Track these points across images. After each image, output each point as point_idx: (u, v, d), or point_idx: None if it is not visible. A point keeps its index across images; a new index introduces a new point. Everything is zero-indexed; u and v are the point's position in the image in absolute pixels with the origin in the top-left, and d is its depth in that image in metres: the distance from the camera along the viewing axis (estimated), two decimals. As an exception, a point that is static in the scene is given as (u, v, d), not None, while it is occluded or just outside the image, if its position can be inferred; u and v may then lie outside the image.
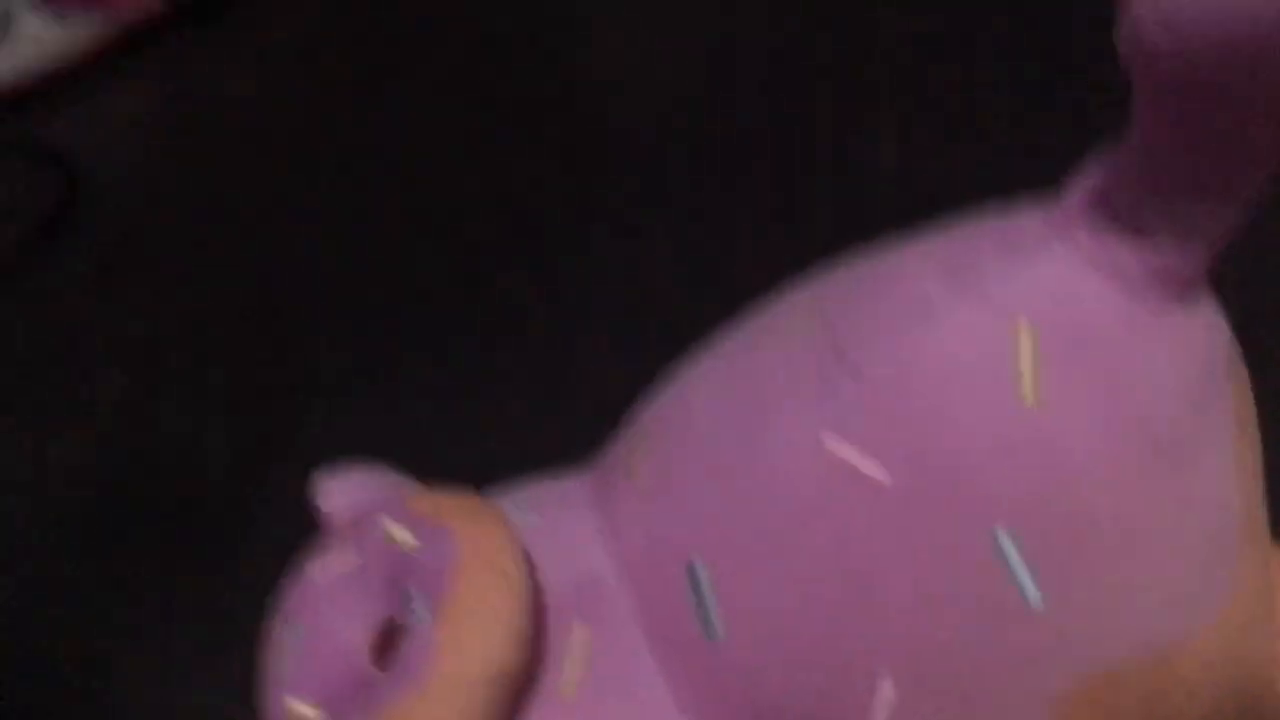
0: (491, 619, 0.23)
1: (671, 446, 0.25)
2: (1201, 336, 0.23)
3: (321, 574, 0.26)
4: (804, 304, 0.25)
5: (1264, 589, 0.24)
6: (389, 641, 0.25)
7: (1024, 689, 0.22)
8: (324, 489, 0.29)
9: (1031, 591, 0.22)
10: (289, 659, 0.26)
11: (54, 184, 0.60)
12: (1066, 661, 0.22)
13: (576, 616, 0.25)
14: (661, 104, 0.55)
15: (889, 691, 0.22)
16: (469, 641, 0.23)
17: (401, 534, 0.25)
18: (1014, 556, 0.22)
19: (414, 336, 0.49)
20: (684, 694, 0.24)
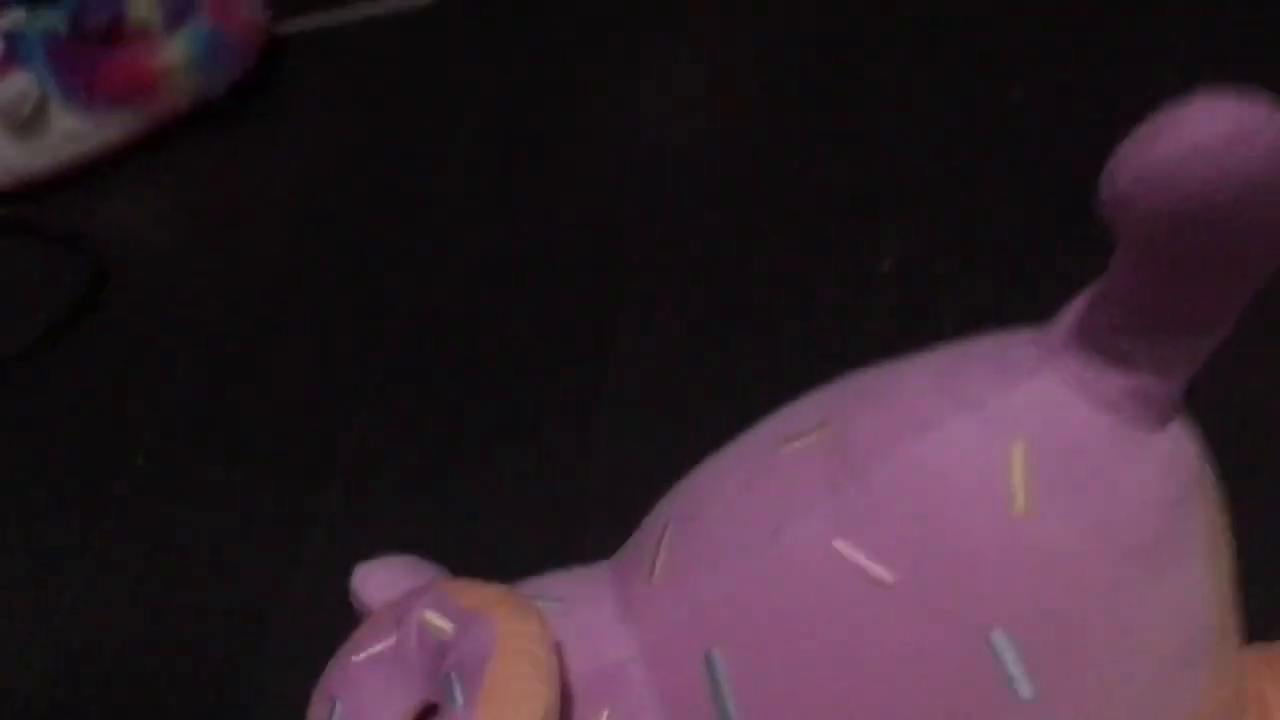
0: (526, 703, 0.25)
1: (691, 542, 0.27)
2: (1176, 454, 0.25)
3: (360, 656, 0.28)
4: (815, 413, 0.28)
5: (1234, 694, 0.26)
6: (424, 721, 0.27)
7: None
8: (361, 575, 0.31)
9: (1024, 687, 0.24)
10: (328, 737, 0.27)
11: (81, 273, 0.63)
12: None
13: (602, 701, 0.26)
14: (676, 212, 0.58)
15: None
16: (506, 722, 0.25)
17: (440, 621, 0.27)
18: (1009, 655, 0.24)
19: (434, 434, 0.50)
20: (701, 777, 0.26)
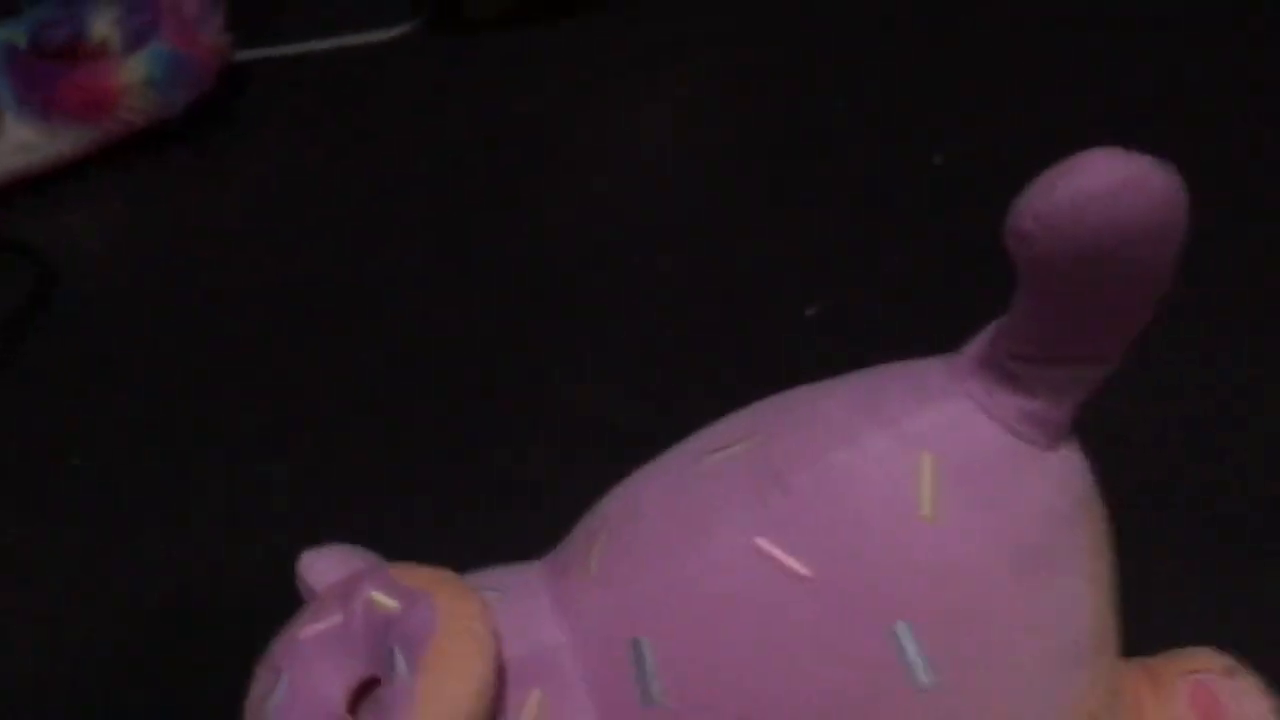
0: (466, 674, 0.27)
1: (624, 541, 0.30)
2: (1067, 472, 0.28)
3: (306, 631, 0.29)
4: (743, 426, 0.30)
5: (1114, 692, 0.29)
6: (364, 695, 0.29)
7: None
8: (307, 561, 0.32)
9: (923, 675, 0.26)
10: (271, 707, 0.29)
11: (27, 280, 0.63)
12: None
13: (533, 681, 0.28)
14: (629, 253, 0.60)
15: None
16: (446, 691, 0.26)
17: (385, 599, 0.29)
18: (910, 645, 0.26)
19: (379, 461, 0.51)
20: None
